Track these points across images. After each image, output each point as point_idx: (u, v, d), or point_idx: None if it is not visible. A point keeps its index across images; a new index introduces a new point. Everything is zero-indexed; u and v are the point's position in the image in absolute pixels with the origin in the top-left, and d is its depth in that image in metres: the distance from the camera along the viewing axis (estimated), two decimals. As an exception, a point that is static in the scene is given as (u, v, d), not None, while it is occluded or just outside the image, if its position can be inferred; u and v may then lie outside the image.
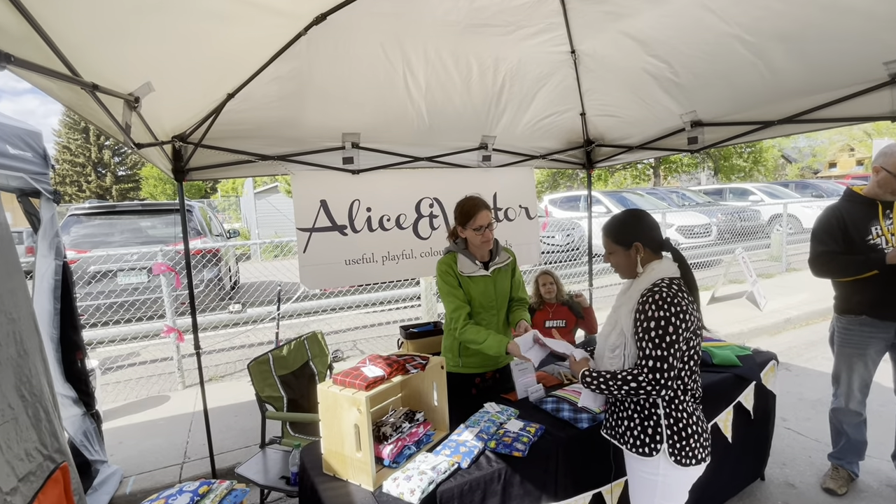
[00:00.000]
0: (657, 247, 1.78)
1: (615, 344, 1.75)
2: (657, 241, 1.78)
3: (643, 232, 1.78)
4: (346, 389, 1.85)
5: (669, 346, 1.60)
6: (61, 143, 32.46)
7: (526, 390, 2.45)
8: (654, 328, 1.62)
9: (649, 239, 1.77)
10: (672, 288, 1.66)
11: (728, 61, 2.53)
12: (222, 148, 2.84)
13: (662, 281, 1.69)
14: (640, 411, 1.72)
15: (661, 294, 1.63)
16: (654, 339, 1.62)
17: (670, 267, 1.74)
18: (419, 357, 2.12)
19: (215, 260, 6.34)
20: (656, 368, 1.61)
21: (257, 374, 2.75)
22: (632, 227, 1.79)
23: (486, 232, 2.39)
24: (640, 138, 3.62)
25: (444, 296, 2.49)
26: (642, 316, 1.65)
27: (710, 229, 10.43)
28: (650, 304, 1.63)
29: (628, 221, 1.81)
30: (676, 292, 1.65)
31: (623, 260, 1.81)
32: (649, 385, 1.63)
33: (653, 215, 1.84)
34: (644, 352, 1.64)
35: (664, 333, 1.61)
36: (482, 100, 3.14)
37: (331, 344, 5.77)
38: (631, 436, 1.74)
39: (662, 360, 1.61)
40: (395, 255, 3.57)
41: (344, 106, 2.86)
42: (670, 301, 1.61)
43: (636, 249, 1.76)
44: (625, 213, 1.85)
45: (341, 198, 3.33)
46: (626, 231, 1.79)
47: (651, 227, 1.79)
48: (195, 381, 4.79)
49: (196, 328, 3.03)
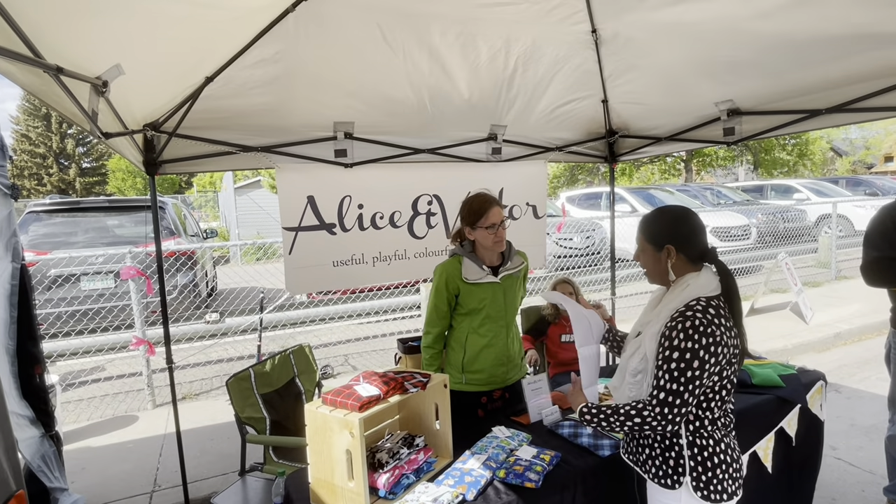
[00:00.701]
0: (697, 256, 1.73)
1: (637, 368, 1.73)
2: (698, 248, 1.73)
3: (680, 234, 1.73)
4: (336, 410, 1.85)
5: (689, 381, 1.58)
6: (19, 131, 32.75)
7: (540, 412, 2.45)
8: (676, 359, 1.59)
9: (687, 244, 1.72)
10: (708, 313, 1.61)
11: (771, 43, 2.53)
12: (199, 138, 2.86)
13: (698, 302, 1.64)
14: (661, 439, 1.72)
15: (694, 321, 1.58)
16: (673, 372, 1.59)
17: (709, 282, 1.69)
18: (419, 374, 2.12)
19: (190, 263, 6.36)
20: (666, 403, 1.59)
21: (237, 393, 2.76)
22: (668, 225, 1.75)
23: (500, 230, 2.41)
24: (669, 128, 3.62)
25: (429, 307, 2.54)
26: (667, 342, 1.62)
27: (749, 231, 10.39)
28: (678, 332, 1.60)
29: (665, 218, 1.77)
30: (713, 318, 1.60)
31: (651, 262, 1.78)
32: (654, 421, 1.61)
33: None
34: (658, 381, 1.62)
35: (686, 367, 1.57)
36: (492, 85, 3.15)
37: (320, 359, 5.78)
38: (653, 465, 1.74)
39: (676, 395, 1.58)
40: (387, 256, 3.60)
41: (337, 92, 2.87)
42: (702, 331, 1.57)
43: (667, 254, 1.73)
44: (668, 208, 1.80)
45: (331, 193, 3.35)
46: (660, 229, 1.75)
47: (693, 230, 1.73)
48: (167, 400, 4.80)
49: (168, 340, 3.04)
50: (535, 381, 2.52)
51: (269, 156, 3.10)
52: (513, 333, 2.62)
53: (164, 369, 3.19)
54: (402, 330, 6.50)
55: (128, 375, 5.52)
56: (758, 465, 2.48)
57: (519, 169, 3.92)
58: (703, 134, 3.48)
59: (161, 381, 5.06)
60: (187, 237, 7.33)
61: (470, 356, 2.53)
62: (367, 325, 6.83)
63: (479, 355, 2.52)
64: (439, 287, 2.48)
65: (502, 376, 2.58)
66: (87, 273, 5.84)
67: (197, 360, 5.81)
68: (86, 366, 5.69)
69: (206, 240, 9.04)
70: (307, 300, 6.53)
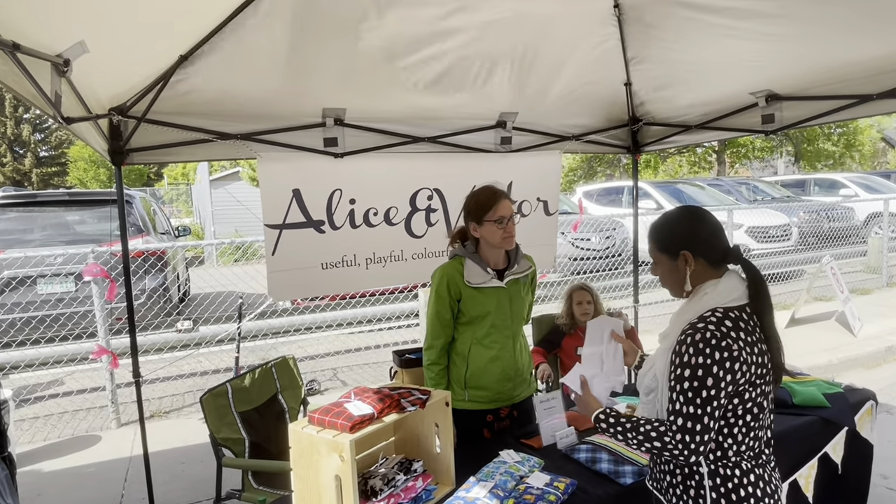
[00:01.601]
0: (718, 258, 1.73)
1: (649, 387, 1.73)
2: (718, 250, 1.72)
3: (695, 236, 1.73)
4: (324, 431, 1.85)
5: (706, 402, 1.57)
6: (-31, 115, 32.81)
7: (553, 434, 2.45)
8: (688, 377, 1.58)
9: (705, 247, 1.72)
10: (724, 325, 1.60)
11: (818, 15, 2.52)
12: (171, 124, 2.86)
13: (713, 313, 1.63)
14: (682, 466, 1.72)
15: (706, 334, 1.58)
16: (687, 393, 1.58)
17: (732, 289, 1.68)
18: (418, 391, 2.13)
19: (160, 264, 6.37)
20: (686, 430, 1.58)
21: (212, 410, 2.76)
22: (679, 228, 1.75)
23: (509, 225, 2.43)
24: (700, 115, 3.62)
25: (430, 316, 2.53)
26: (678, 359, 1.61)
27: (790, 232, 10.38)
28: (688, 346, 1.59)
29: (677, 221, 1.77)
30: (729, 331, 1.59)
31: (668, 273, 1.78)
32: (676, 449, 1.59)
33: (715, 214, 1.80)
34: (674, 405, 1.61)
35: (700, 386, 1.57)
36: (501, 66, 3.15)
37: (305, 372, 5.77)
38: (673, 494, 1.74)
39: (695, 419, 1.57)
40: (382, 257, 3.60)
41: (326, 74, 2.88)
42: (714, 344, 1.56)
43: (684, 260, 1.72)
44: (676, 210, 1.82)
45: (319, 187, 3.36)
46: (671, 234, 1.75)
47: (710, 231, 1.74)
48: (133, 418, 4.81)
49: (135, 350, 3.04)
50: (547, 398, 2.52)
51: (249, 144, 3.11)
52: (520, 345, 2.63)
53: (130, 383, 3.20)
54: (399, 340, 6.50)
55: (89, 390, 5.52)
56: (798, 496, 2.47)
57: (530, 160, 3.93)
58: (739, 122, 3.48)
59: (127, 397, 5.06)
60: (157, 235, 7.33)
61: (474, 370, 2.53)
62: (359, 335, 6.83)
63: (485, 369, 2.53)
64: (440, 292, 2.48)
65: (509, 393, 2.58)
66: (44, 275, 5.85)
67: (167, 374, 5.82)
68: (42, 379, 5.69)
69: (177, 238, 9.04)
70: (292, 307, 6.54)
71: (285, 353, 3.35)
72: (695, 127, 3.69)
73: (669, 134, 3.91)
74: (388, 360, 5.04)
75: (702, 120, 3.63)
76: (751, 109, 3.33)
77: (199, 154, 3.14)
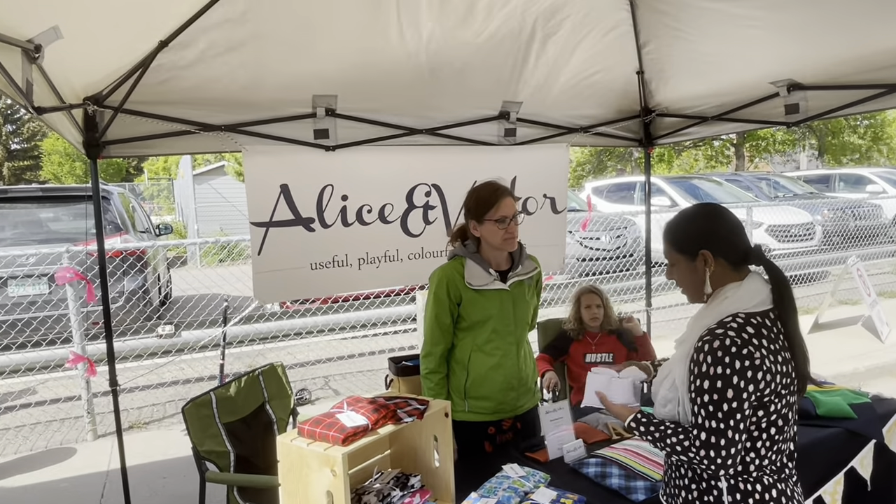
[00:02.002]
0: (739, 258, 1.73)
1: (666, 397, 1.74)
2: (739, 249, 1.73)
3: (714, 234, 1.73)
4: (315, 443, 1.84)
5: (729, 415, 1.57)
6: (-66, 105, 32.82)
7: (560, 447, 2.45)
8: (708, 390, 1.59)
9: (725, 245, 1.72)
10: (745, 331, 1.60)
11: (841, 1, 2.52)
12: (151, 114, 2.86)
13: (734, 319, 1.63)
14: (699, 481, 1.72)
15: (725, 341, 1.58)
16: (708, 406, 1.59)
17: (755, 293, 1.68)
18: (415, 400, 2.12)
19: (140, 265, 6.36)
20: (711, 445, 1.59)
21: (195, 421, 2.76)
22: (700, 226, 1.75)
23: (511, 225, 2.42)
24: (717, 105, 3.62)
25: (428, 320, 2.52)
26: (696, 369, 1.62)
27: (813, 230, 10.39)
28: (706, 355, 1.60)
29: (695, 219, 1.78)
30: (750, 338, 1.59)
31: (686, 275, 1.78)
32: (702, 464, 1.61)
33: (733, 211, 1.80)
34: (696, 419, 1.62)
35: (720, 399, 1.57)
36: (504, 52, 3.15)
37: (295, 381, 5.77)
38: None
39: (719, 434, 1.58)
40: (376, 257, 3.60)
41: (316, 59, 2.88)
42: (734, 353, 1.57)
43: (703, 260, 1.72)
44: (693, 207, 1.82)
45: (309, 182, 3.35)
46: (689, 232, 1.76)
47: (730, 228, 1.74)
48: (110, 429, 4.81)
49: (112, 357, 3.04)
50: (554, 409, 2.51)
51: (234, 136, 3.11)
52: (524, 351, 2.63)
53: (107, 392, 3.19)
54: (395, 347, 6.50)
55: (64, 400, 5.52)
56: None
57: (536, 154, 3.93)
58: (760, 112, 3.48)
59: (104, 407, 5.05)
60: (136, 234, 7.33)
61: (474, 379, 2.53)
62: (352, 341, 6.83)
63: (486, 378, 2.52)
64: (439, 295, 2.48)
65: (512, 403, 2.58)
66: (15, 276, 5.85)
67: (147, 382, 5.81)
68: (13, 388, 5.68)
69: (158, 237, 9.05)
70: (280, 310, 6.53)
71: (273, 360, 3.34)
72: (711, 118, 3.69)
73: (684, 126, 3.91)
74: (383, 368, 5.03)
75: (719, 111, 3.63)
76: (772, 99, 3.33)
77: (181, 147, 3.13)
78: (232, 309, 5.36)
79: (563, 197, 4.12)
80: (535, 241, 3.93)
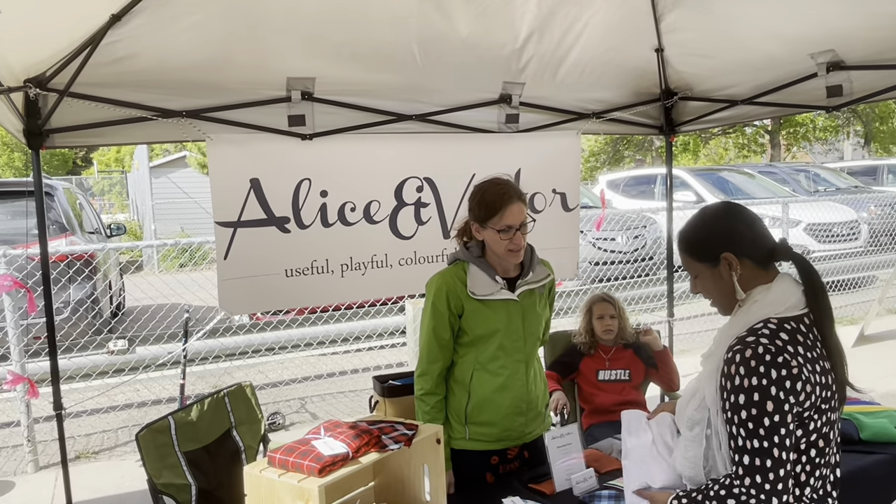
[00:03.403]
0: (765, 255, 1.75)
1: (693, 419, 1.74)
2: (763, 246, 1.75)
3: (735, 233, 1.75)
4: (288, 474, 1.84)
5: (772, 431, 1.57)
6: None
7: (569, 478, 2.45)
8: (745, 404, 1.59)
9: (748, 244, 1.74)
10: (779, 338, 1.62)
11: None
12: (102, 98, 2.86)
13: (765, 325, 1.65)
14: None
15: (757, 349, 1.59)
16: (748, 424, 1.59)
17: (787, 295, 1.70)
18: (402, 425, 2.13)
19: (88, 270, 6.34)
20: (756, 469, 1.58)
21: (151, 450, 2.75)
22: (716, 228, 1.78)
23: (517, 236, 2.41)
24: (749, 88, 3.64)
25: (424, 335, 2.52)
26: (728, 383, 1.63)
27: (859, 229, 10.43)
28: (738, 366, 1.60)
29: (710, 219, 1.80)
30: (785, 345, 1.61)
31: (713, 285, 1.80)
32: (753, 498, 1.59)
33: (766, 208, 1.82)
34: (735, 442, 1.62)
35: (760, 413, 1.57)
36: (506, 27, 3.16)
37: (266, 403, 5.75)
38: None
39: (764, 454, 1.58)
40: (361, 263, 3.59)
41: (290, 37, 2.88)
42: (769, 361, 1.58)
43: (728, 264, 1.74)
44: (702, 210, 1.84)
45: (283, 176, 3.35)
46: (708, 237, 1.78)
47: (749, 224, 1.77)
48: (54, 460, 4.78)
49: (57, 377, 3.02)
50: (561, 434, 2.51)
51: (197, 123, 3.11)
52: (534, 371, 2.63)
53: (50, 417, 3.18)
54: (381, 364, 6.50)
55: (1, 426, 5.49)
56: (870, 550, 2.48)
57: (542, 143, 3.94)
58: (797, 95, 3.49)
59: (47, 434, 5.03)
60: (84, 235, 7.30)
61: (477, 402, 2.53)
62: (332, 358, 6.82)
63: (490, 401, 2.52)
64: (437, 305, 2.47)
65: (520, 429, 2.58)
66: (-56, 284, 5.82)
67: (97, 405, 5.78)
68: (-58, 412, 5.67)
69: (110, 238, 9.01)
70: (250, 322, 6.52)
71: (241, 380, 3.34)
72: (742, 102, 3.71)
73: (711, 111, 3.93)
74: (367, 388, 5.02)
75: (751, 93, 3.65)
76: (812, 80, 3.34)
77: (137, 135, 3.15)
78: (194, 321, 5.35)
79: (574, 192, 4.13)
80: (545, 243, 3.91)
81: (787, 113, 3.79)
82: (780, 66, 3.38)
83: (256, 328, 6.28)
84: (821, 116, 20.13)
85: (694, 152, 22.72)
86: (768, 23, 3.12)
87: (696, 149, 22.70)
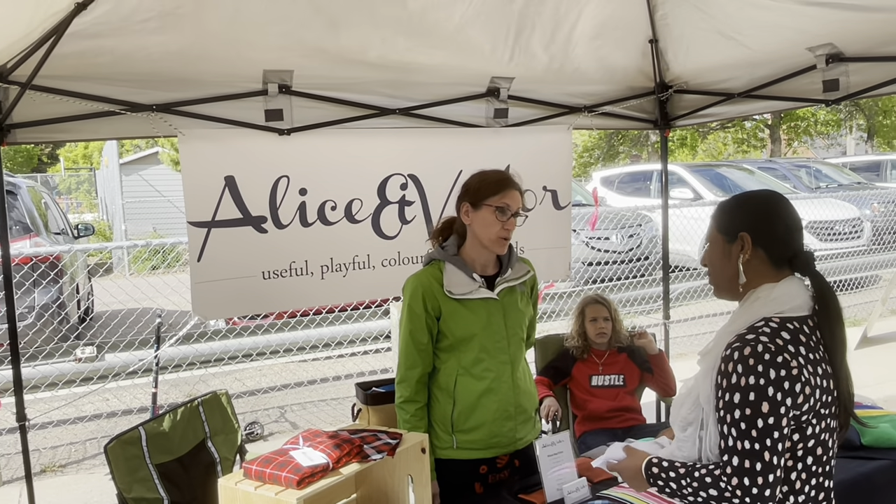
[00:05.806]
0: (782, 257, 1.76)
1: (687, 419, 1.76)
2: (787, 246, 1.76)
3: (763, 221, 1.76)
4: (265, 487, 1.84)
5: (765, 433, 1.58)
6: None
7: (560, 488, 2.46)
8: (739, 404, 1.60)
9: (771, 238, 1.75)
10: (779, 337, 1.63)
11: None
12: (67, 91, 2.84)
13: (767, 323, 1.66)
14: None
15: (757, 347, 1.60)
16: (740, 424, 1.60)
17: (792, 295, 1.71)
18: (386, 434, 2.13)
19: (54, 273, 6.30)
20: (745, 471, 1.59)
21: (121, 462, 2.74)
22: (751, 208, 1.80)
23: (510, 222, 2.46)
24: (747, 81, 3.67)
25: (402, 339, 2.53)
26: (724, 381, 1.63)
27: (861, 227, 10.54)
28: (735, 363, 1.61)
29: (751, 200, 1.84)
30: (786, 344, 1.62)
31: (718, 260, 1.82)
32: (735, 498, 1.60)
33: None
34: (726, 441, 1.63)
35: (754, 414, 1.58)
36: (493, 18, 3.17)
37: (243, 412, 5.73)
38: None
39: (754, 457, 1.59)
40: (342, 265, 3.59)
41: (267, 27, 2.87)
42: (768, 360, 1.59)
43: (741, 245, 1.76)
44: (758, 190, 1.88)
45: (260, 173, 3.35)
46: (738, 214, 1.80)
47: (785, 221, 1.77)
48: (18, 474, 4.74)
49: (20, 386, 3.00)
50: (553, 442, 2.52)
51: (168, 118, 3.09)
52: (520, 372, 2.64)
53: (14, 429, 3.15)
54: (364, 370, 6.50)
55: (-39, 439, 5.44)
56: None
57: (532, 138, 3.95)
58: (796, 88, 3.52)
59: (10, 447, 5.00)
60: (49, 235, 7.26)
61: (462, 408, 2.53)
62: (312, 364, 6.81)
63: (476, 406, 2.53)
64: (413, 308, 2.48)
65: (509, 435, 2.59)
66: None
67: (63, 416, 5.74)
68: None
69: (77, 239, 8.95)
70: (226, 327, 6.49)
71: (217, 388, 3.33)
72: (739, 95, 3.73)
73: (707, 104, 3.95)
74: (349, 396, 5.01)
75: (748, 86, 3.67)
76: (809, 73, 3.37)
77: (105, 131, 3.11)
78: (167, 326, 5.32)
79: (566, 190, 4.15)
80: (535, 243, 3.94)
81: (783, 107, 3.81)
82: (777, 59, 3.41)
83: (233, 333, 6.25)
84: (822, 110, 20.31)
85: (692, 147, 22.89)
86: (765, 15, 3.14)
87: (693, 144, 22.88)
